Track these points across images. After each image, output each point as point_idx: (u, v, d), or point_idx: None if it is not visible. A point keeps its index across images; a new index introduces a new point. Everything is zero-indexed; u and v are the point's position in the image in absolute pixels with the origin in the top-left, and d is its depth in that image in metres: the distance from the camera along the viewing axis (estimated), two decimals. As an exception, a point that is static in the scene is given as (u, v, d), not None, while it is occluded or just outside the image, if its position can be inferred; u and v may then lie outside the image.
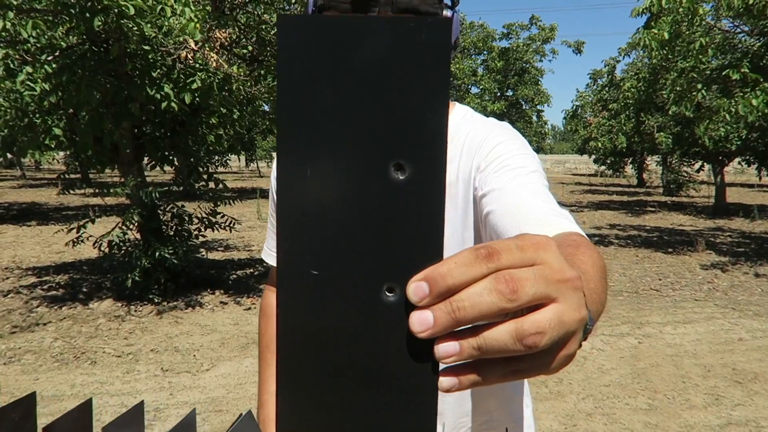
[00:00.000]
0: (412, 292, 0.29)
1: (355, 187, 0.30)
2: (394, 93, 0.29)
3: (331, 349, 0.31)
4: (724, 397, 3.62)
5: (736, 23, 8.81)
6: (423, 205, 0.30)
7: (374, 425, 0.31)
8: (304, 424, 0.32)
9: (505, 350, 0.30)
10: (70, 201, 15.78)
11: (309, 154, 0.30)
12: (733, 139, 12.46)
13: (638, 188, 25.79)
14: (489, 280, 0.29)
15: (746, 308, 5.63)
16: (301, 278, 0.30)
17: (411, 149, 0.29)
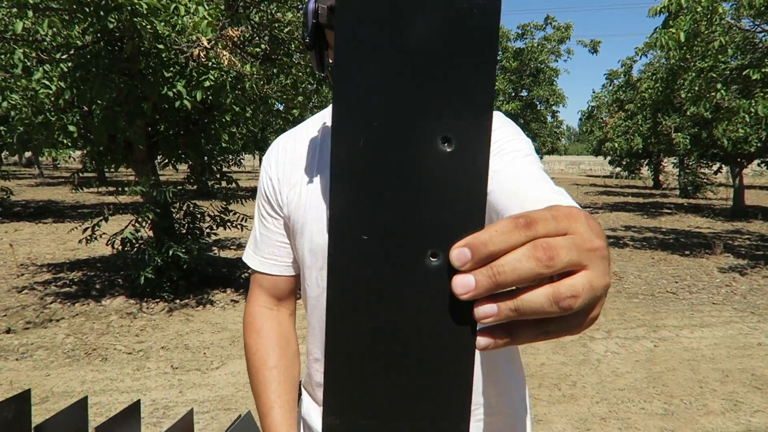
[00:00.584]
0: (455, 257, 0.32)
1: (404, 158, 0.32)
2: (445, 69, 0.31)
3: (377, 310, 0.33)
4: (743, 403, 3.53)
5: (756, 22, 8.64)
6: (467, 176, 0.32)
7: (415, 381, 0.34)
8: (351, 379, 0.34)
9: (540, 312, 0.32)
10: (85, 199, 15.94)
11: (362, 124, 0.31)
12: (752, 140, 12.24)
13: (654, 190, 25.48)
14: (528, 247, 0.32)
15: (766, 312, 5.51)
16: (351, 242, 0.32)
17: (458, 123, 0.31)
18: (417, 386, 0.34)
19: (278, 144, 1.02)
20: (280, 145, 1.01)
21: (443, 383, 0.34)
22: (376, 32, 0.31)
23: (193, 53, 4.46)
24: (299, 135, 1.01)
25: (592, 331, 4.87)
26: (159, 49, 4.90)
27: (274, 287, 1.02)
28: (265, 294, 1.03)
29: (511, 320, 0.33)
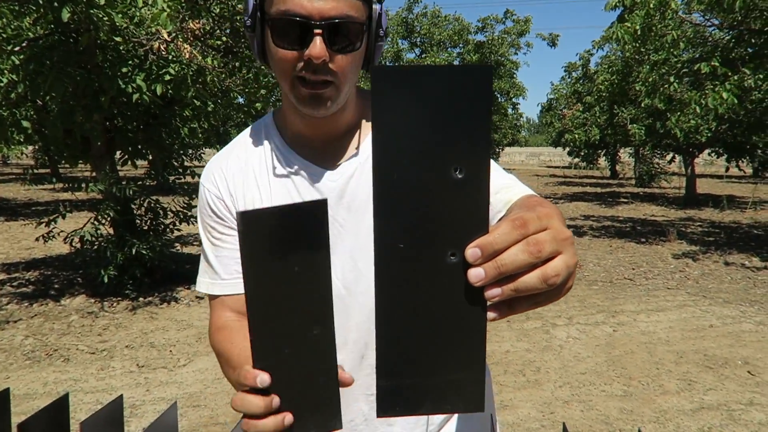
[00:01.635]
0: (470, 255, 0.43)
1: (427, 185, 0.42)
2: (454, 118, 0.41)
3: (413, 297, 0.44)
4: (696, 383, 3.70)
5: (706, 17, 8.96)
6: (474, 195, 0.43)
7: (444, 346, 0.46)
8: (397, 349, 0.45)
9: (534, 289, 0.45)
10: (39, 196, 15.41)
11: (395, 161, 0.42)
12: (703, 131, 12.70)
13: (611, 180, 26.19)
14: (522, 244, 0.44)
15: (716, 296, 5.77)
16: (392, 251, 0.43)
17: (466, 157, 0.42)
18: (446, 350, 0.46)
19: (219, 165, 0.99)
20: (222, 166, 0.98)
21: (465, 346, 0.46)
22: (402, 96, 0.41)
23: (153, 46, 4.36)
24: (238, 149, 0.99)
25: (554, 318, 5.01)
26: (116, 41, 4.78)
27: (240, 304, 0.95)
28: (231, 311, 0.97)
29: (511, 297, 0.45)
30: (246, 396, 0.56)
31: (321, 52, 0.79)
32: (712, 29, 9.39)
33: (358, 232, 0.92)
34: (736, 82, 7.53)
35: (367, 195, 0.90)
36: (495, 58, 22.89)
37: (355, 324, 0.94)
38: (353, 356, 0.96)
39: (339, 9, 0.78)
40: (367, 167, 0.92)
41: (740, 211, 13.26)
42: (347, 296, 0.93)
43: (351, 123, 0.96)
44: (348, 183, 0.92)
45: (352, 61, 0.83)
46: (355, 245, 0.92)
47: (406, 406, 0.47)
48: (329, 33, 0.79)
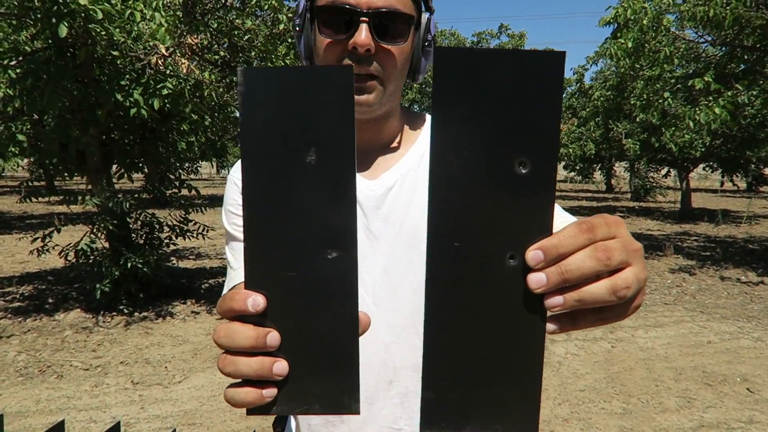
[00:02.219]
0: (531, 258, 0.39)
1: (488, 178, 0.39)
2: (520, 107, 0.38)
3: (467, 302, 0.41)
4: (696, 400, 3.68)
5: (699, 33, 9.05)
6: (538, 193, 0.39)
7: (497, 358, 0.42)
8: (445, 359, 0.42)
9: (600, 301, 0.41)
10: (34, 209, 15.34)
11: (455, 151, 0.39)
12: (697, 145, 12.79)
13: (607, 194, 26.29)
14: (590, 249, 0.40)
15: (714, 311, 5.76)
16: (446, 249, 0.40)
17: (531, 151, 0.39)
18: (499, 364, 0.42)
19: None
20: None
21: (519, 360, 0.42)
22: (466, 80, 0.38)
23: (150, 61, 4.37)
24: None
25: (552, 335, 4.97)
26: (114, 56, 4.78)
27: None
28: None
29: (574, 309, 0.41)
30: (232, 324, 0.44)
31: (366, 40, 0.76)
32: (705, 45, 9.49)
33: (395, 246, 0.87)
34: (729, 98, 7.59)
35: (406, 208, 0.88)
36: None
37: (384, 344, 0.86)
38: (379, 380, 0.87)
39: (388, 3, 0.77)
40: (409, 180, 0.89)
41: (735, 225, 13.31)
42: (376, 313, 0.86)
43: (394, 135, 0.94)
44: (387, 194, 0.88)
45: (398, 57, 0.81)
46: (390, 259, 0.87)
47: (451, 421, 0.43)
48: (376, 23, 0.77)
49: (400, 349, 0.86)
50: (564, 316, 0.43)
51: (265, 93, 0.40)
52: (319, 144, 0.41)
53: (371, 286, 0.86)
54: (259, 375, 0.43)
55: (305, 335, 0.43)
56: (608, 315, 0.44)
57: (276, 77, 0.40)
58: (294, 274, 0.42)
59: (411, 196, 0.88)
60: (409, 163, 0.91)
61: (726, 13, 6.97)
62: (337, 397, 0.44)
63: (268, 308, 0.43)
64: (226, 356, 0.44)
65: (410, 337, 0.86)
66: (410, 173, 0.90)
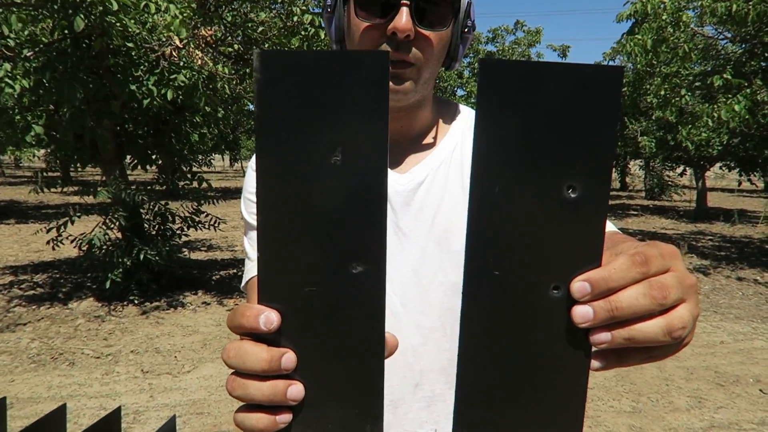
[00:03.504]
0: (577, 290, 0.36)
1: (533, 202, 0.36)
2: (573, 125, 0.35)
3: (506, 335, 0.38)
4: (707, 400, 3.64)
5: (719, 30, 8.92)
6: (588, 220, 0.36)
7: (536, 397, 0.39)
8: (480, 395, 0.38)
9: (653, 341, 0.37)
10: (50, 199, 15.54)
11: (498, 172, 0.36)
12: (714, 144, 12.62)
13: (621, 192, 26.05)
14: (644, 285, 0.37)
15: (728, 311, 5.69)
16: (485, 277, 0.37)
17: (583, 173, 0.36)
18: (538, 402, 0.39)
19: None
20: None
21: (561, 400, 0.39)
22: (514, 93, 0.35)
23: (164, 52, 4.39)
24: None
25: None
26: (129, 47, 4.81)
27: None
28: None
29: (622, 347, 0.38)
30: (244, 344, 0.40)
31: (407, 25, 0.72)
32: (725, 42, 9.35)
33: (425, 245, 0.82)
34: (748, 95, 7.47)
35: (437, 205, 0.84)
36: (505, 69, 22.90)
37: (411, 346, 0.82)
38: (405, 383, 0.83)
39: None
40: (440, 174, 0.85)
41: (752, 225, 13.13)
42: (404, 314, 0.82)
43: (426, 126, 0.89)
44: (417, 189, 0.84)
45: (437, 44, 0.77)
46: (420, 258, 0.82)
47: None
48: (417, 7, 0.73)
49: (427, 352, 0.83)
50: (610, 352, 0.40)
51: (285, 81, 0.35)
52: (346, 142, 0.36)
53: (399, 286, 0.82)
54: (271, 401, 0.39)
55: (324, 357, 0.39)
56: (658, 353, 0.41)
57: (298, 63, 0.35)
58: (313, 289, 0.38)
59: (443, 192, 0.84)
60: (442, 156, 0.87)
61: (749, 8, 6.85)
62: (359, 424, 0.40)
63: (283, 326, 0.38)
64: (235, 378, 0.40)
65: (438, 340, 0.83)
66: (442, 167, 0.86)
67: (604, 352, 0.39)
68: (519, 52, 23.06)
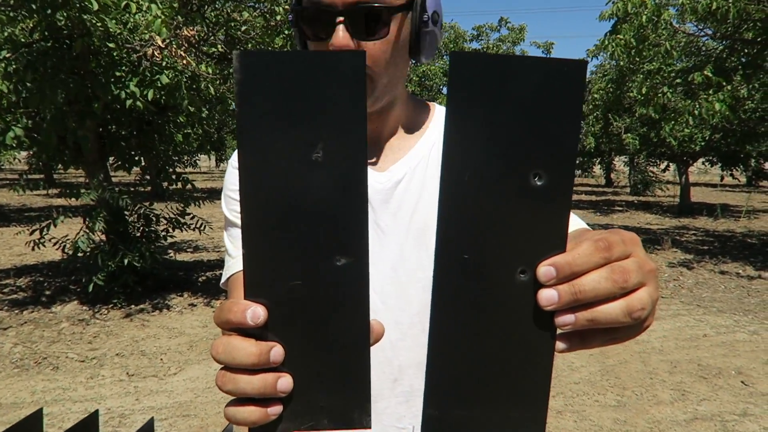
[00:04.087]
0: (543, 274, 0.38)
1: (503, 189, 0.38)
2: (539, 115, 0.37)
3: (474, 317, 0.39)
4: (690, 393, 3.69)
5: (699, 27, 9.02)
6: (553, 206, 0.38)
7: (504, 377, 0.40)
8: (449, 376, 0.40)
9: (614, 322, 0.39)
10: (32, 202, 15.34)
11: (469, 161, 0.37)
12: (697, 139, 12.77)
13: (606, 188, 26.28)
14: (606, 270, 0.39)
15: (710, 305, 5.77)
16: (455, 261, 0.39)
17: (548, 162, 0.37)
18: (505, 381, 0.41)
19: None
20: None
21: (527, 379, 0.41)
22: (484, 85, 0.36)
23: (146, 52, 4.35)
24: None
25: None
26: (110, 47, 4.76)
27: None
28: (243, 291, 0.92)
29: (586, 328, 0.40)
30: (232, 339, 0.40)
31: (342, 41, 0.73)
32: (706, 39, 9.46)
33: (404, 242, 0.84)
34: (729, 92, 7.57)
35: (415, 203, 0.85)
36: (490, 67, 22.99)
37: (390, 342, 0.84)
38: (384, 378, 0.85)
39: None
40: (418, 173, 0.87)
41: (734, 219, 13.31)
42: (383, 310, 0.83)
43: (403, 125, 0.91)
44: (396, 188, 0.85)
45: (385, 50, 0.76)
46: (399, 255, 0.84)
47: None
48: (353, 21, 0.73)
49: (406, 348, 0.84)
50: (574, 334, 0.42)
51: (265, 80, 0.36)
52: (326, 138, 0.37)
53: (379, 284, 0.83)
54: (262, 394, 0.40)
55: (311, 348, 0.40)
56: (620, 335, 0.43)
57: (277, 62, 0.36)
58: (298, 282, 0.39)
59: (420, 190, 0.86)
60: (420, 154, 0.88)
61: (728, 5, 6.94)
62: (347, 411, 0.41)
63: (270, 320, 0.39)
64: (225, 373, 0.41)
65: (417, 336, 0.84)
66: (420, 165, 0.87)
67: (568, 334, 0.41)
68: (504, 50, 23.13)
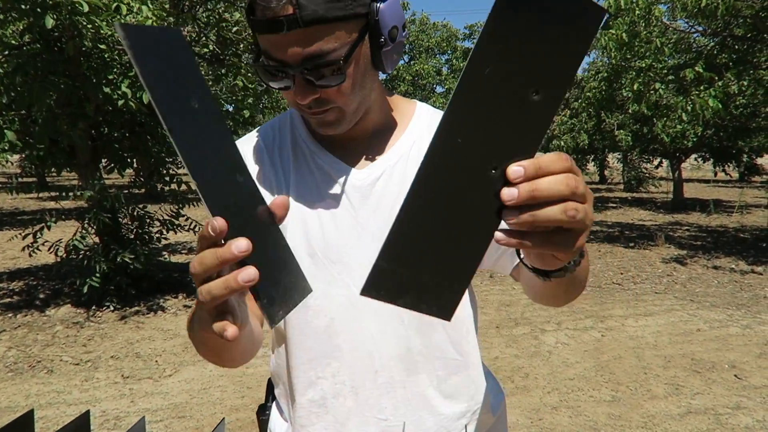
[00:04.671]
0: (512, 172, 0.45)
1: (507, 96, 0.44)
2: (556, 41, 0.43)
3: (441, 198, 0.46)
4: (684, 387, 3.71)
5: (690, 23, 9.06)
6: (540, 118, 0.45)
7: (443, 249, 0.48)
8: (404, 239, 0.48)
9: (552, 220, 0.46)
10: (25, 205, 15.26)
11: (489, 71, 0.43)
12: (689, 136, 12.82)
13: (600, 185, 26.35)
14: (563, 176, 0.46)
15: (704, 300, 5.80)
16: (448, 147, 0.45)
17: (549, 81, 0.44)
18: (445, 254, 0.48)
19: (241, 147, 0.95)
20: (244, 149, 0.95)
21: (461, 257, 0.48)
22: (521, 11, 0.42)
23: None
24: (261, 136, 0.97)
25: (542, 324, 5.01)
26: (101, 49, 4.75)
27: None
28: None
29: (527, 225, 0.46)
30: (202, 252, 0.50)
31: (303, 97, 0.77)
32: (697, 35, 9.50)
33: (382, 238, 0.86)
34: (720, 87, 7.61)
35: (394, 199, 0.87)
36: (483, 65, 23.01)
37: (370, 335, 0.87)
38: (365, 369, 0.88)
39: (314, 46, 0.73)
40: (398, 170, 0.89)
41: (727, 215, 13.37)
42: (364, 304, 0.84)
43: (379, 124, 0.92)
44: (375, 184, 0.88)
45: (347, 86, 0.78)
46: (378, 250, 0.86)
47: (389, 293, 0.50)
48: (310, 73, 0.75)
49: (385, 340, 0.86)
50: (515, 232, 0.47)
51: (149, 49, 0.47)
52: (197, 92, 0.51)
53: (359, 277, 0.82)
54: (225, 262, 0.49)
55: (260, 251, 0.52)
56: (556, 240, 0.49)
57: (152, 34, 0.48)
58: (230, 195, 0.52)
59: (400, 186, 0.87)
60: (400, 152, 0.90)
61: (718, 2, 6.97)
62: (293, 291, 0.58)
63: (230, 231, 0.49)
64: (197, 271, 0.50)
65: (396, 328, 0.86)
66: (400, 162, 0.89)
67: (509, 231, 0.48)
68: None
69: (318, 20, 0.71)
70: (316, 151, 0.90)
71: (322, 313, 0.87)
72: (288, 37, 0.72)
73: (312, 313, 0.88)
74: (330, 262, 0.87)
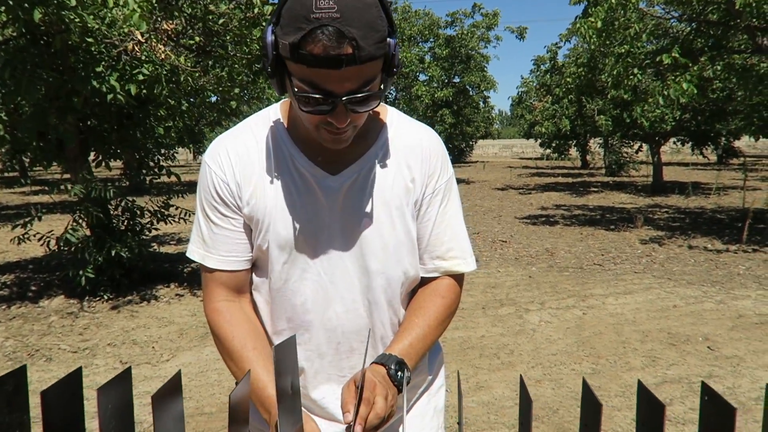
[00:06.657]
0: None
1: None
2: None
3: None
4: (660, 359, 3.91)
5: (666, 9, 9.25)
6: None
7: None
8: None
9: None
10: (9, 200, 15.14)
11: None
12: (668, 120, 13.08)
13: (582, 170, 26.68)
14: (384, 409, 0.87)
15: (680, 278, 6.03)
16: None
17: None
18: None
19: (225, 146, 1.03)
20: (229, 148, 1.03)
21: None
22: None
23: (126, 47, 4.39)
24: (246, 136, 1.04)
25: (527, 304, 5.19)
26: (89, 42, 4.78)
27: (235, 281, 1.07)
28: (224, 289, 1.06)
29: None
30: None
31: (343, 121, 0.88)
32: (673, 21, 9.70)
33: (349, 236, 1.03)
34: (696, 72, 7.82)
35: (361, 201, 1.02)
36: (465, 52, 23.11)
37: (336, 314, 1.05)
38: (330, 340, 1.07)
39: (361, 78, 0.84)
40: (366, 177, 1.03)
41: (705, 196, 13.71)
42: (332, 289, 1.04)
43: (362, 131, 1.02)
44: (346, 188, 1.01)
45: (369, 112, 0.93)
46: (344, 247, 1.03)
47: None
48: (351, 103, 0.86)
49: (348, 319, 1.06)
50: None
51: None
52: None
53: (329, 268, 1.03)
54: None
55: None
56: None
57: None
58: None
59: (369, 191, 1.03)
60: (371, 159, 1.04)
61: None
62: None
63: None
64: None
65: (358, 309, 1.06)
66: (368, 170, 1.03)
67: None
68: (478, 36, 23.25)
69: (371, 59, 0.82)
70: (296, 156, 1.02)
71: (298, 293, 1.05)
72: (343, 72, 0.81)
73: (291, 293, 1.05)
74: (305, 254, 1.03)
